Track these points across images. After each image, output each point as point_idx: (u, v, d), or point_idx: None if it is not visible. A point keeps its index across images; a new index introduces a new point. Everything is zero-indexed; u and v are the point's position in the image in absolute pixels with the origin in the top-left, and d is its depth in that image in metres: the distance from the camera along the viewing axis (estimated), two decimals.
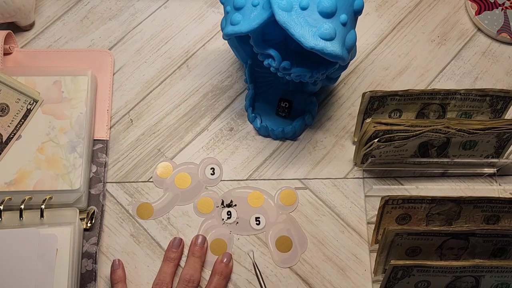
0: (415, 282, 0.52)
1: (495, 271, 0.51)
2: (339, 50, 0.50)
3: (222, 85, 0.67)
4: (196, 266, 0.55)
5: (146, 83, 0.66)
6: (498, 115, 0.61)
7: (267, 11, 0.50)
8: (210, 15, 0.71)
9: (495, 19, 0.70)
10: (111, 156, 0.62)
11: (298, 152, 0.63)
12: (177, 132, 0.64)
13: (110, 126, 0.64)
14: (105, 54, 0.67)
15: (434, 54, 0.69)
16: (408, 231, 0.52)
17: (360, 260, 0.58)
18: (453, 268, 0.50)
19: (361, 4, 0.52)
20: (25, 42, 0.68)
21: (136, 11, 0.71)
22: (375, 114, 0.60)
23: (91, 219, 0.57)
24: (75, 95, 0.61)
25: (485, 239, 0.53)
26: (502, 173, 0.63)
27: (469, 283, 0.52)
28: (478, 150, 0.61)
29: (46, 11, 0.70)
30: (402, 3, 0.72)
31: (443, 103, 0.60)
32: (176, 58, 0.68)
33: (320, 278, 0.57)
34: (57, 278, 0.52)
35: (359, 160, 0.61)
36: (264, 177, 0.62)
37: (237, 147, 0.63)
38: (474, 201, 0.55)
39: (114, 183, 0.61)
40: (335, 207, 0.60)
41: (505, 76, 0.68)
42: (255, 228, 0.59)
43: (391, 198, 0.54)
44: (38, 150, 0.59)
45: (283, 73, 0.56)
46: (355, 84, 0.67)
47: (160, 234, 0.59)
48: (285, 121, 0.64)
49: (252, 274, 0.57)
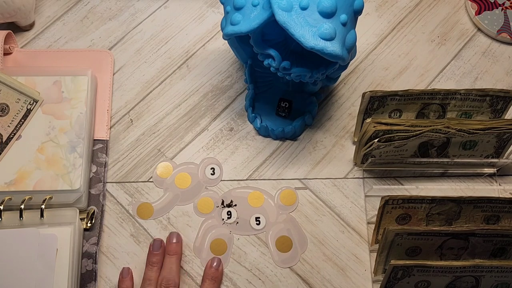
0: (415, 282, 0.52)
1: (495, 271, 0.51)
2: (339, 50, 0.50)
3: (222, 85, 0.67)
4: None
5: (146, 83, 0.66)
6: (498, 115, 0.61)
7: (267, 11, 0.50)
8: (210, 15, 0.71)
9: (495, 19, 0.70)
10: (111, 156, 0.62)
11: (298, 152, 0.63)
12: (177, 132, 0.64)
13: (110, 126, 0.64)
14: (105, 54, 0.67)
15: (434, 54, 0.69)
16: (408, 231, 0.52)
17: (360, 260, 0.58)
18: (453, 268, 0.50)
19: (361, 4, 0.52)
20: (25, 42, 0.68)
21: (136, 11, 0.71)
22: (375, 114, 0.60)
23: (91, 219, 0.57)
24: (75, 95, 0.61)
25: (485, 239, 0.53)
26: (502, 173, 0.63)
27: (469, 283, 0.52)
28: (478, 150, 0.61)
29: (46, 11, 0.70)
30: (402, 3, 0.72)
31: (443, 103, 0.60)
32: (176, 58, 0.68)
33: (320, 278, 0.57)
34: (57, 278, 0.52)
35: (359, 160, 0.61)
36: (264, 177, 0.62)
37: (237, 147, 0.63)
38: (474, 201, 0.55)
39: (114, 183, 0.61)
40: (335, 207, 0.60)
41: (505, 76, 0.68)
42: (255, 228, 0.59)
43: (391, 198, 0.54)
44: (38, 150, 0.59)
45: (283, 73, 0.56)
46: (355, 84, 0.67)
47: (160, 234, 0.59)
48: (285, 121, 0.64)
49: (252, 274, 0.57)
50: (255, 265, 0.57)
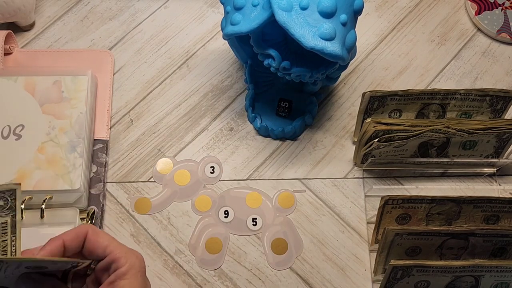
0: (415, 282, 0.52)
1: (495, 271, 0.51)
2: (339, 50, 0.50)
3: (222, 85, 0.67)
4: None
5: (146, 83, 0.66)
6: (498, 115, 0.61)
7: (267, 11, 0.50)
8: (210, 15, 0.71)
9: (495, 19, 0.70)
10: (111, 156, 0.62)
11: (298, 152, 0.63)
12: (177, 132, 0.64)
13: (110, 126, 0.64)
14: (105, 54, 0.67)
15: (434, 54, 0.69)
16: (408, 231, 0.52)
17: (360, 260, 0.58)
18: (453, 268, 0.50)
19: (361, 4, 0.52)
20: (25, 42, 0.68)
21: (136, 11, 0.71)
22: (375, 114, 0.60)
23: (91, 219, 0.57)
24: (75, 95, 0.61)
25: (485, 239, 0.53)
26: (502, 173, 0.63)
27: (468, 283, 0.52)
28: (478, 150, 0.61)
29: (46, 11, 0.70)
30: (402, 3, 0.72)
31: (443, 103, 0.60)
32: (176, 58, 0.68)
33: (320, 278, 0.57)
34: None
35: (359, 160, 0.61)
36: (264, 177, 0.62)
37: (237, 147, 0.63)
38: (474, 201, 0.55)
39: (114, 183, 0.61)
40: (335, 207, 0.60)
41: (505, 76, 0.68)
42: (252, 228, 0.59)
43: (391, 198, 0.54)
44: (38, 150, 0.59)
45: (283, 73, 0.56)
46: (355, 84, 0.67)
47: (160, 234, 0.59)
48: (285, 121, 0.64)
49: (252, 274, 0.57)
50: (255, 264, 0.57)
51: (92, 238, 0.42)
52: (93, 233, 0.42)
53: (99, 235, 0.42)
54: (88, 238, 0.42)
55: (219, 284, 0.57)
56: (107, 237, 0.43)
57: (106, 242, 0.42)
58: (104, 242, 0.42)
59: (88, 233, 0.42)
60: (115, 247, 0.42)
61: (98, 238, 0.42)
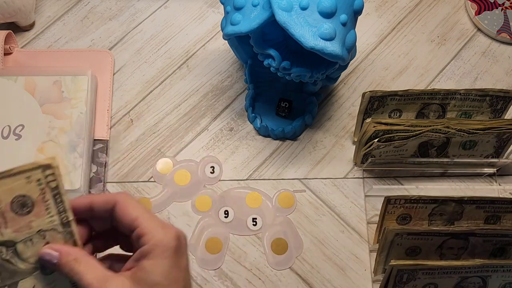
0: (422, 285, 0.51)
1: (501, 271, 0.50)
2: (339, 50, 0.50)
3: (222, 85, 0.67)
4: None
5: (146, 83, 0.66)
6: (498, 115, 0.61)
7: (267, 11, 0.50)
8: (210, 15, 0.71)
9: (495, 19, 0.70)
10: (111, 156, 0.62)
11: (298, 152, 0.63)
12: (177, 132, 0.64)
13: (110, 126, 0.64)
14: (105, 54, 0.67)
15: (434, 54, 0.69)
16: (408, 231, 0.52)
17: (360, 260, 0.58)
18: (458, 269, 0.50)
19: (361, 4, 0.52)
20: (25, 42, 0.68)
21: (136, 11, 0.71)
22: (375, 114, 0.60)
23: None
24: (75, 95, 0.61)
25: (485, 239, 0.53)
26: (502, 173, 0.63)
27: (476, 284, 0.52)
28: (478, 150, 0.61)
29: (46, 11, 0.70)
30: (402, 3, 0.72)
31: (443, 103, 0.60)
32: (176, 58, 0.68)
33: (320, 278, 0.57)
34: None
35: (359, 160, 0.61)
36: (264, 177, 0.62)
37: (237, 147, 0.63)
38: (477, 201, 0.55)
39: (114, 183, 0.61)
40: (335, 207, 0.60)
41: (505, 76, 0.68)
42: (252, 228, 0.59)
43: (394, 198, 0.54)
44: (38, 150, 0.59)
45: (283, 73, 0.56)
46: (355, 84, 0.67)
47: None
48: (285, 121, 0.64)
49: (252, 274, 0.57)
50: (255, 264, 0.57)
51: (121, 207, 0.38)
52: (124, 203, 0.38)
53: (130, 206, 0.38)
54: (118, 208, 0.38)
55: (219, 284, 0.57)
56: (139, 210, 0.38)
57: (135, 214, 0.37)
58: (133, 214, 0.37)
59: (118, 202, 0.38)
60: (144, 220, 0.37)
61: (128, 209, 0.38)
